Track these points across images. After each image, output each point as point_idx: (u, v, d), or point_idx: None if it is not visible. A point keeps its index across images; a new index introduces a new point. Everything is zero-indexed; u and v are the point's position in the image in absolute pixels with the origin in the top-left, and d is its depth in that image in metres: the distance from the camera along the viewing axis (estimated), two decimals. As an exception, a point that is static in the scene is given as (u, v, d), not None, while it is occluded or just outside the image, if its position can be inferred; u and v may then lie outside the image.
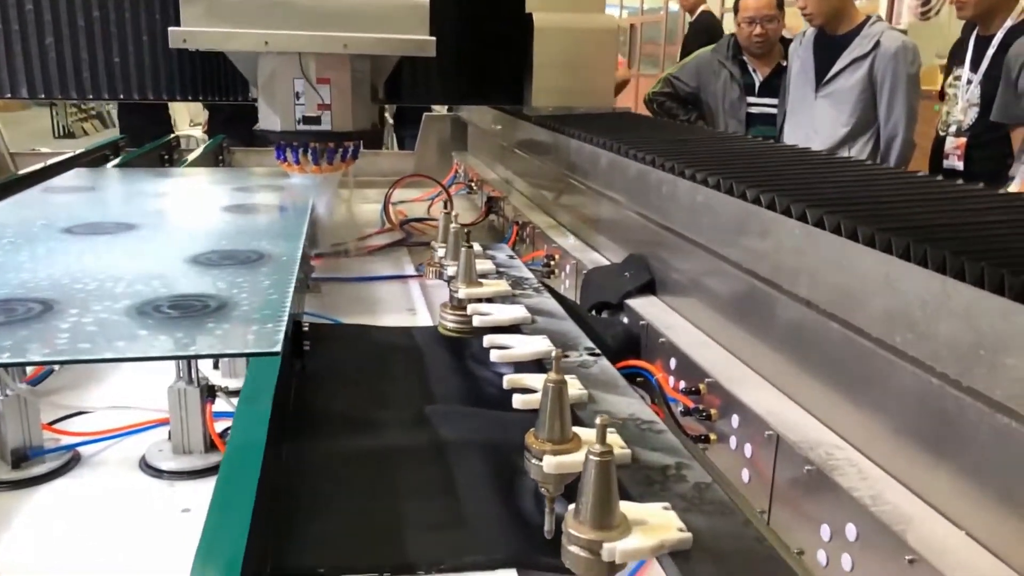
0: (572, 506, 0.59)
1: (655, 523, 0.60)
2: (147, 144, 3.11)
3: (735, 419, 0.97)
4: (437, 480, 0.96)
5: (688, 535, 0.59)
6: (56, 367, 1.21)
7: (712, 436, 1.03)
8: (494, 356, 0.96)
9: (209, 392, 1.03)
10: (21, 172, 2.40)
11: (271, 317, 0.98)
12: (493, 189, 2.40)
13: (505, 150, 2.51)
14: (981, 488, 0.69)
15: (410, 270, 1.93)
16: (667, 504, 0.62)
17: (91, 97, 1.96)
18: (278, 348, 0.88)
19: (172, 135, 3.52)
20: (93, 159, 2.66)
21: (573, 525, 0.58)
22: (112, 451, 1.07)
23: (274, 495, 0.87)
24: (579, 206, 1.77)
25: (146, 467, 1.03)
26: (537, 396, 0.79)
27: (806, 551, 0.82)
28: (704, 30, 5.43)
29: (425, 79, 2.26)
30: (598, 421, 0.57)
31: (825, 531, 0.79)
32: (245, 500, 0.68)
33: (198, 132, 5.45)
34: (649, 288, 1.37)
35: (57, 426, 1.09)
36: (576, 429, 0.72)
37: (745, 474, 0.95)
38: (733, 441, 0.98)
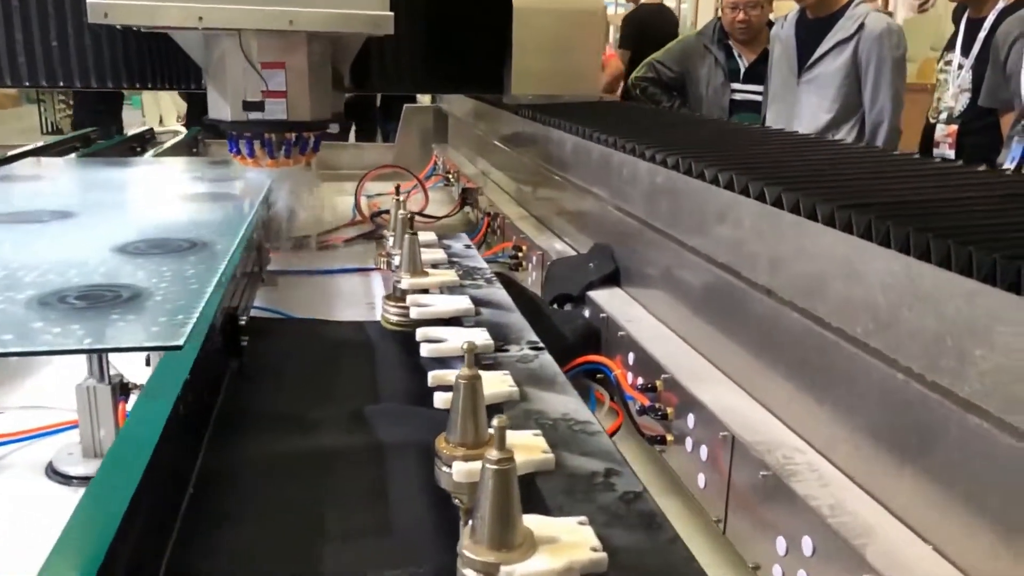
0: (467, 524, 0.50)
1: (566, 541, 0.51)
2: (118, 136, 3.04)
3: (691, 418, 0.89)
4: (366, 484, 0.87)
5: (602, 555, 0.51)
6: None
7: (668, 437, 0.94)
8: (424, 351, 0.88)
9: (122, 390, 0.95)
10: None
11: (183, 309, 0.90)
12: (469, 181, 2.32)
13: (483, 141, 2.43)
14: (949, 496, 0.60)
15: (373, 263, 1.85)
16: (583, 518, 0.54)
17: (27, 84, 1.77)
18: (181, 342, 0.80)
19: (138, 130, 3.41)
20: (60, 151, 2.58)
21: (468, 545, 0.50)
22: (19, 455, 0.99)
23: (177, 500, 0.79)
24: (549, 197, 1.69)
25: (53, 473, 0.95)
26: (460, 394, 0.71)
27: (762, 566, 0.74)
28: (636, 24, 4.70)
29: (395, 65, 2.08)
30: (495, 423, 0.49)
31: (781, 544, 0.71)
32: (117, 501, 0.60)
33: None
34: (613, 279, 1.29)
35: (-38, 428, 1.01)
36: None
37: (701, 479, 0.87)
38: (689, 442, 0.89)
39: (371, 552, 0.77)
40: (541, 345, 0.92)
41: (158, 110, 7.61)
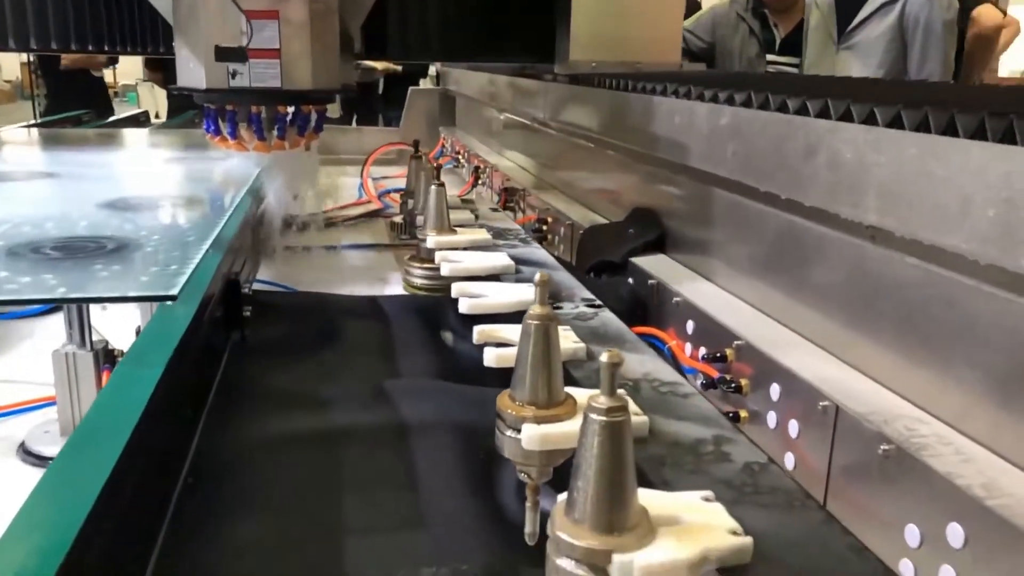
0: (562, 497, 0.37)
1: (694, 522, 0.38)
2: (109, 118, 2.90)
3: (775, 390, 0.76)
4: (392, 469, 0.74)
5: (746, 540, 0.37)
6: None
7: (743, 413, 0.81)
8: (463, 306, 0.75)
9: (106, 357, 0.82)
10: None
11: (178, 260, 0.76)
12: (480, 160, 2.19)
13: (496, 120, 2.29)
14: None
15: (385, 240, 1.71)
16: (708, 493, 0.40)
17: None
18: (175, 292, 0.66)
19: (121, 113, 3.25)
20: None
21: (565, 526, 0.37)
22: (-9, 432, 0.85)
23: (166, 488, 0.65)
24: (582, 168, 1.56)
25: (26, 453, 0.81)
26: (514, 351, 0.58)
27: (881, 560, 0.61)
28: None
29: (420, 28, 1.67)
30: (604, 358, 0.36)
31: (912, 534, 0.57)
32: (85, 488, 0.46)
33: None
34: (658, 245, 1.16)
35: (-76, 403, 0.87)
36: (570, 390, 0.51)
37: (789, 460, 0.73)
38: (772, 418, 0.76)
39: (400, 548, 0.64)
40: (598, 302, 0.78)
41: (155, 104, 7.47)
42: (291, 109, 1.26)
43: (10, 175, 1.20)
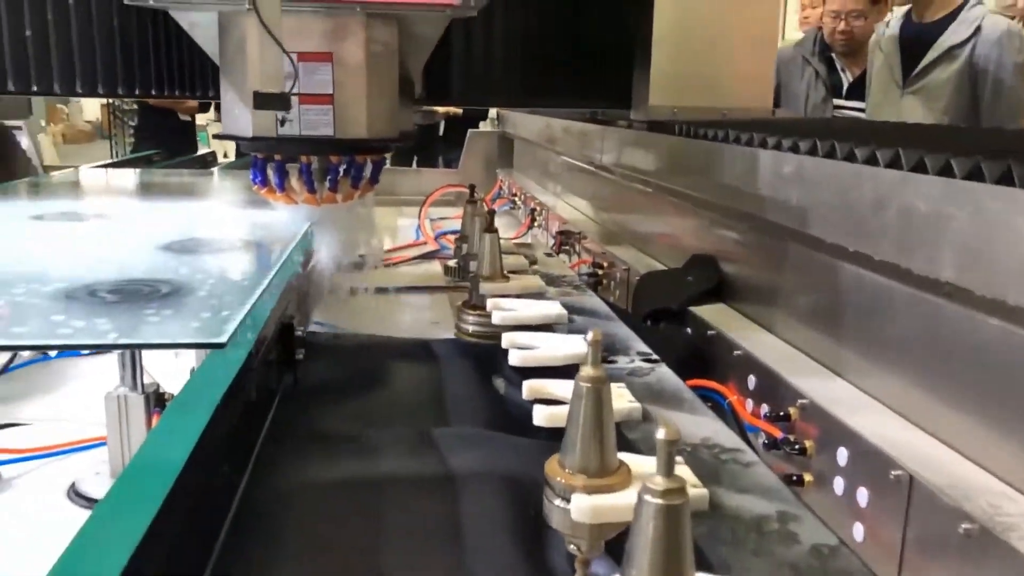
0: (615, 579, 0.34)
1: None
2: (179, 157, 2.99)
3: (842, 454, 0.71)
4: (438, 522, 0.72)
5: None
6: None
7: (807, 477, 0.77)
8: (514, 358, 0.73)
9: (157, 401, 0.82)
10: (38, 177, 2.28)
11: (230, 305, 0.76)
12: (537, 202, 2.18)
13: (554, 162, 2.29)
14: None
15: (440, 282, 1.70)
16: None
17: (14, 90, 1.29)
18: (224, 339, 0.66)
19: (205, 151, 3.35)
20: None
21: (616, 615, 0.34)
22: (42, 473, 0.85)
23: (210, 535, 0.64)
24: (641, 214, 1.53)
25: (75, 495, 0.81)
26: (566, 410, 0.55)
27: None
28: None
29: (485, 73, 1.53)
30: (661, 435, 0.33)
31: (998, 624, 0.53)
32: (128, 532, 0.45)
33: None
34: (717, 294, 1.12)
35: (-18, 441, 0.88)
36: (625, 456, 0.48)
37: (858, 531, 0.69)
38: (839, 484, 0.72)
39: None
40: (655, 357, 0.75)
41: (223, 145, 7.70)
42: (343, 160, 1.13)
43: (78, 215, 1.23)
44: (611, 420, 0.46)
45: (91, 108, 9.36)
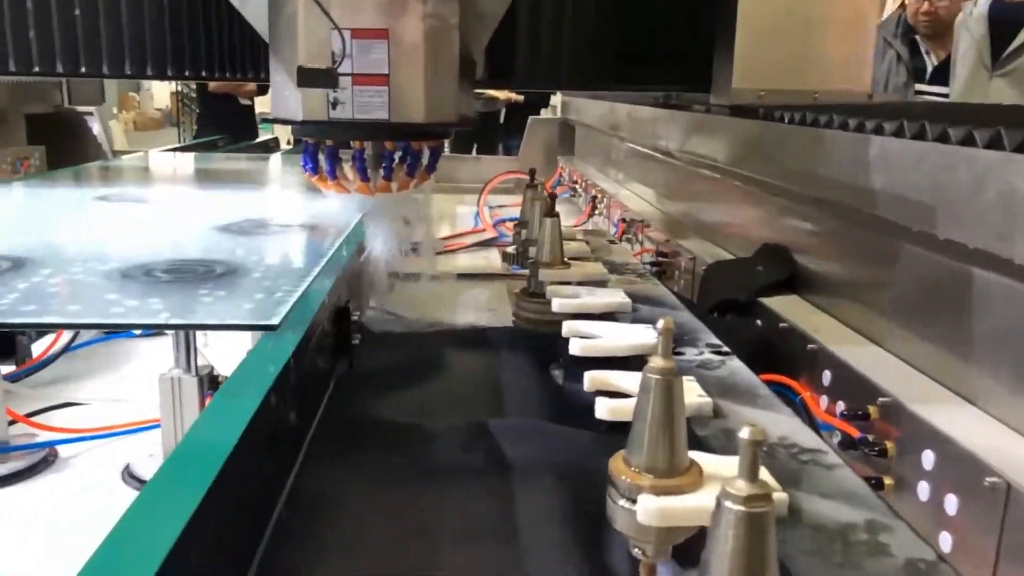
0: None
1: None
2: (242, 143, 3.02)
3: (928, 457, 0.66)
4: (492, 516, 0.69)
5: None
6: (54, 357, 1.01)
7: (887, 481, 0.72)
8: (575, 347, 0.69)
9: (211, 384, 0.80)
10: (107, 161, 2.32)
11: (283, 287, 0.74)
12: (598, 189, 2.13)
13: (617, 151, 2.24)
14: None
15: (499, 269, 1.67)
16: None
17: (37, 71, 1.23)
18: (276, 321, 0.64)
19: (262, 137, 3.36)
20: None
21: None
22: (98, 452, 0.85)
23: (258, 525, 0.62)
24: (709, 201, 1.48)
25: (129, 477, 0.81)
26: (631, 403, 0.52)
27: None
28: None
29: (552, 53, 1.40)
30: (745, 434, 0.29)
31: (1110, 650, 0.47)
32: (171, 521, 0.44)
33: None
34: (788, 285, 1.07)
35: (39, 419, 0.88)
36: (695, 455, 0.44)
37: (945, 540, 0.63)
38: (923, 490, 0.67)
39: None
40: (726, 349, 0.71)
41: (287, 131, 7.79)
42: (399, 146, 1.05)
43: (140, 197, 1.23)
44: (682, 416, 0.42)
45: (161, 96, 9.59)
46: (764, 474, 0.45)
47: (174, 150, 2.44)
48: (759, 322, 1.02)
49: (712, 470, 0.44)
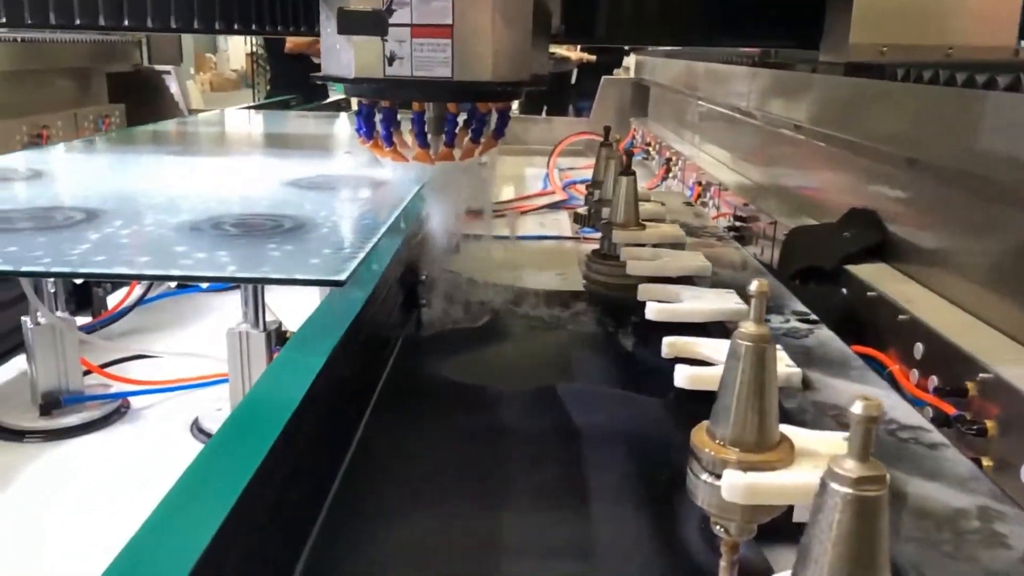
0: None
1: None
2: (315, 101, 3.03)
3: (1035, 439, 0.61)
4: (559, 483, 0.67)
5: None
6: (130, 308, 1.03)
7: (985, 462, 0.67)
8: (651, 312, 0.66)
9: (279, 339, 0.80)
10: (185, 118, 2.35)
11: (352, 243, 0.73)
12: (672, 152, 2.07)
13: (693, 112, 2.16)
14: None
15: (568, 232, 1.64)
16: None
17: (79, 23, 1.18)
18: (343, 277, 0.62)
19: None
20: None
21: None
22: (168, 405, 0.86)
23: (328, 476, 0.61)
24: (786, 161, 1.41)
25: (198, 431, 0.81)
26: (714, 372, 0.49)
27: None
28: None
29: (637, 5, 1.25)
30: (858, 408, 0.26)
31: None
32: (231, 479, 0.43)
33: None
34: (876, 253, 1.01)
35: (112, 370, 0.89)
36: (787, 429, 0.41)
37: (1052, 530, 0.58)
38: (1028, 474, 0.61)
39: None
40: (814, 317, 0.67)
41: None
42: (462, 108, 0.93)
43: (212, 151, 1.23)
44: (774, 387, 0.39)
45: (236, 57, 9.74)
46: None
47: (248, 108, 2.46)
48: (844, 291, 0.97)
49: (804, 446, 0.40)
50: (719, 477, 0.39)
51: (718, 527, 0.41)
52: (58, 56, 2.46)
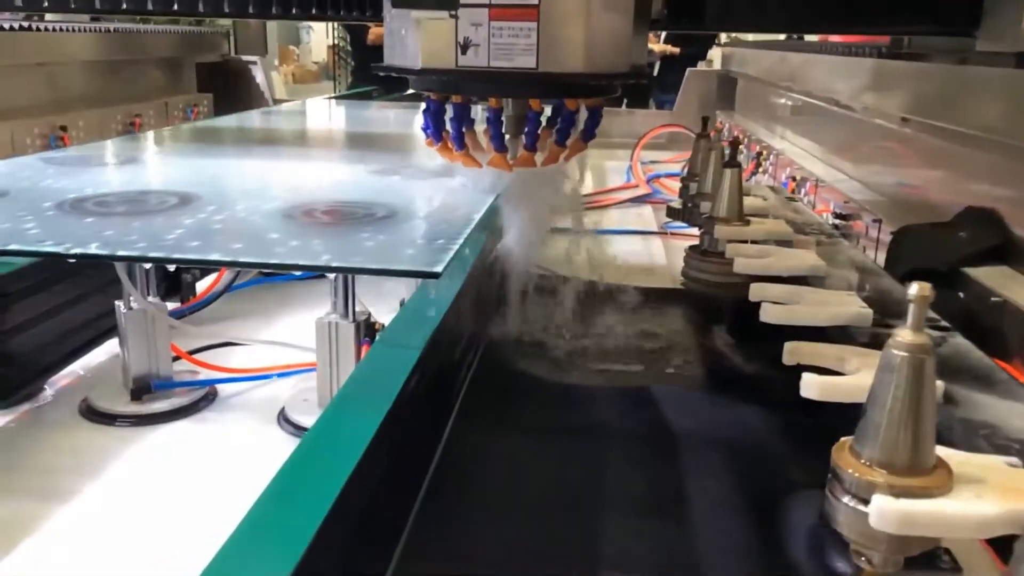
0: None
1: None
2: (396, 93, 3.04)
3: None
4: (655, 491, 0.63)
5: None
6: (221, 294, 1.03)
7: None
8: (767, 314, 0.61)
9: (368, 331, 0.78)
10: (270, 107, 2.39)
11: (446, 234, 0.70)
12: (763, 146, 2.00)
13: (785, 105, 2.08)
14: None
15: (652, 227, 1.59)
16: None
17: (125, 6, 1.16)
18: (439, 268, 0.60)
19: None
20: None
21: None
22: (256, 393, 0.85)
23: (419, 474, 0.59)
24: (890, 156, 1.34)
25: (284, 421, 0.80)
26: (847, 382, 0.44)
27: None
28: None
29: None
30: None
31: None
32: (326, 489, 0.40)
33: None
34: (998, 255, 0.94)
35: (201, 357, 0.89)
36: (941, 451, 0.36)
37: None
38: None
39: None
40: (945, 323, 0.61)
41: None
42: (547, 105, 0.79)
43: (298, 141, 1.23)
44: (933, 403, 0.35)
45: (318, 50, 9.92)
46: (1021, 479, 0.36)
47: (330, 99, 2.48)
48: (961, 295, 0.90)
49: (962, 471, 0.36)
50: (866, 502, 0.35)
51: (859, 558, 0.37)
52: (150, 46, 2.52)
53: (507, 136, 0.74)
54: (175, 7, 1.18)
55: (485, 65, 0.67)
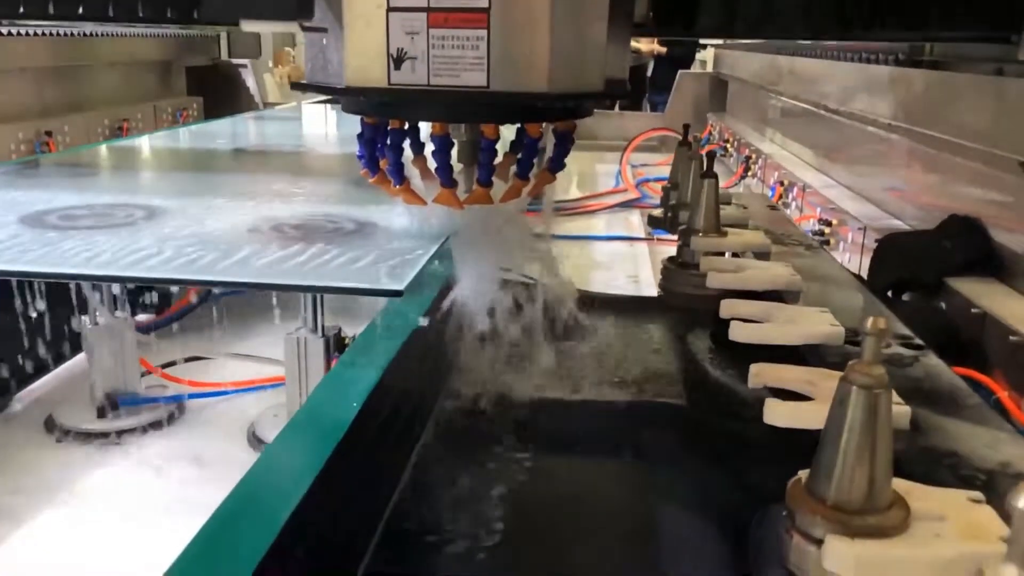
0: None
1: None
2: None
3: None
4: (629, 519, 0.62)
5: None
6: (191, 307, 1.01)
7: (1114, 510, 0.59)
8: (736, 333, 0.60)
9: (337, 345, 0.77)
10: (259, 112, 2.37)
11: (412, 250, 0.69)
12: (752, 149, 1.98)
13: (775, 108, 2.07)
14: None
15: (640, 232, 1.58)
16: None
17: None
18: (400, 287, 0.58)
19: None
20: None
21: None
22: (224, 408, 0.84)
23: (386, 490, 0.58)
24: (878, 161, 1.32)
25: (252, 436, 0.79)
26: (812, 409, 0.43)
27: None
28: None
29: None
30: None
31: None
32: (279, 506, 0.40)
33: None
34: (983, 265, 0.92)
35: (171, 371, 0.88)
36: (899, 484, 0.35)
37: None
38: None
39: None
40: (919, 342, 0.60)
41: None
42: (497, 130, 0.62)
43: (276, 149, 1.22)
44: (888, 440, 0.33)
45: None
46: (991, 516, 0.35)
47: (324, 102, 2.46)
48: (943, 305, 0.89)
49: (921, 507, 0.35)
50: (819, 543, 0.33)
51: (816, 598, 0.35)
52: (140, 50, 2.50)
53: (460, 166, 0.59)
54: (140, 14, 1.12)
55: (424, 83, 0.52)
